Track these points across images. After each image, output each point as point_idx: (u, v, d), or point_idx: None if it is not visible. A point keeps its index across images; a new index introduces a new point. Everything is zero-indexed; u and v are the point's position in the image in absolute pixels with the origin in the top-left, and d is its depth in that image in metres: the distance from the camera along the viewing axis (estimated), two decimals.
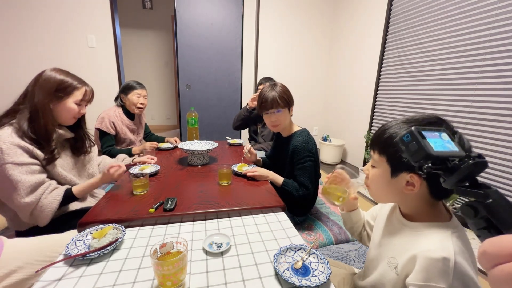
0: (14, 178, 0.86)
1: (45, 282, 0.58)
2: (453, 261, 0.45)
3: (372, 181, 0.61)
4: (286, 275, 0.61)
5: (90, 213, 0.87)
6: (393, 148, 0.53)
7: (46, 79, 0.96)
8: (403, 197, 0.57)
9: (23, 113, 0.93)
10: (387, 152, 0.55)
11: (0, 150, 0.85)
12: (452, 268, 0.45)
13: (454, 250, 0.47)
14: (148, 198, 0.98)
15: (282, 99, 1.28)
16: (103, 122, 1.75)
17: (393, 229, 0.63)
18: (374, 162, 0.59)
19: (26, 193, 0.88)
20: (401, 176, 0.54)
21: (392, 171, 0.55)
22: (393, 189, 0.56)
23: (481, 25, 1.75)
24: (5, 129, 0.89)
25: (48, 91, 0.95)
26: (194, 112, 1.78)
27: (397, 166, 0.54)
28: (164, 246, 0.59)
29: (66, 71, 1.03)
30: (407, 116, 0.56)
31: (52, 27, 2.63)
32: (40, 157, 0.94)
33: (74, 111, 1.03)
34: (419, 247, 0.51)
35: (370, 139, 0.61)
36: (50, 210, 0.92)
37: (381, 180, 0.58)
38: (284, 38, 3.45)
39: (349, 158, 3.34)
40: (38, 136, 0.94)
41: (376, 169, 0.59)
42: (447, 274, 0.45)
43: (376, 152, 0.58)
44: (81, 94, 1.03)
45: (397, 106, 2.54)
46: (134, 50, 4.55)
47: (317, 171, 1.39)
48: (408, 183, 0.53)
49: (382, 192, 0.60)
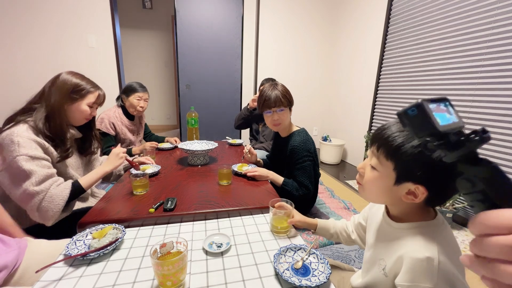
0: (28, 168, 0.87)
1: (45, 282, 0.58)
2: (437, 260, 0.46)
3: (368, 182, 0.57)
4: (286, 275, 0.61)
5: (90, 213, 0.87)
6: (405, 157, 0.49)
7: (62, 81, 1.01)
8: (396, 202, 0.55)
9: (39, 112, 0.97)
10: (396, 159, 0.51)
11: (17, 143, 0.87)
12: (436, 267, 0.45)
13: (438, 249, 0.47)
14: (148, 198, 0.98)
15: (285, 98, 1.29)
16: (102, 123, 1.75)
17: (382, 230, 0.62)
18: (376, 165, 0.55)
19: (38, 182, 0.89)
20: (405, 185, 0.51)
21: (397, 180, 0.52)
22: (391, 195, 0.54)
23: (481, 25, 1.75)
24: (20, 125, 0.92)
25: (64, 92, 1.00)
26: (194, 112, 1.79)
27: (404, 176, 0.51)
28: (164, 246, 0.59)
29: (81, 75, 1.08)
30: None
31: (52, 27, 2.63)
32: (53, 155, 0.97)
33: (86, 113, 1.07)
34: (405, 247, 0.51)
35: (372, 137, 0.56)
36: (61, 199, 0.92)
37: (380, 184, 0.55)
38: (284, 38, 3.45)
39: (349, 158, 3.34)
40: (54, 135, 0.99)
41: (376, 172, 0.55)
42: (431, 274, 0.46)
43: (382, 155, 0.53)
44: (94, 97, 1.08)
45: (397, 106, 2.54)
46: (134, 50, 4.55)
47: (317, 171, 1.40)
48: (409, 192, 0.51)
49: (377, 195, 0.58)
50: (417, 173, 0.49)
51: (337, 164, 3.27)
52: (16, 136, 0.88)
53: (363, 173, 0.59)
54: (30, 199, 0.88)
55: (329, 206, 1.94)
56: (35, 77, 2.61)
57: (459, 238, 1.65)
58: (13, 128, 0.90)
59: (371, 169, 0.57)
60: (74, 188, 0.98)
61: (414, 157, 0.48)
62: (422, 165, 0.48)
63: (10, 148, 0.87)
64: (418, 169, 0.48)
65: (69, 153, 1.03)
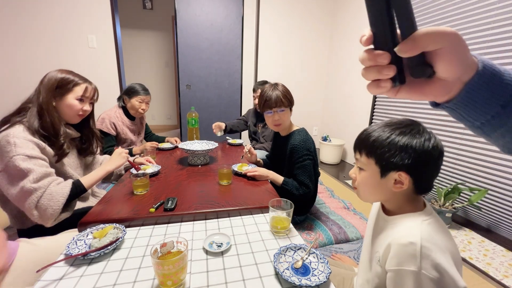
0: (25, 167, 0.86)
1: (45, 282, 0.58)
2: (419, 245, 0.49)
3: (360, 183, 0.63)
4: (286, 274, 0.61)
5: (91, 213, 0.87)
6: (380, 149, 0.56)
7: (49, 78, 1.01)
8: (390, 195, 0.60)
9: (32, 112, 0.97)
10: (375, 154, 0.58)
11: (13, 144, 0.87)
12: (419, 251, 0.48)
13: (421, 235, 0.50)
14: (149, 198, 0.98)
15: (286, 98, 1.30)
16: (103, 123, 1.75)
17: (377, 225, 0.66)
18: (362, 165, 0.62)
19: (36, 179, 0.87)
20: (390, 175, 0.57)
21: (381, 172, 0.58)
22: (382, 189, 0.59)
23: (481, 25, 1.75)
24: (16, 126, 0.92)
25: (49, 88, 0.99)
26: (195, 112, 1.79)
27: (386, 167, 0.57)
28: (164, 246, 0.60)
29: (70, 71, 1.06)
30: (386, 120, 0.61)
31: (53, 28, 2.63)
32: (50, 155, 0.97)
33: (76, 108, 1.05)
34: (392, 235, 0.56)
35: (354, 144, 0.65)
36: (61, 196, 0.90)
37: (370, 181, 0.61)
38: (284, 38, 3.45)
39: (349, 158, 3.34)
40: (48, 133, 0.98)
41: (364, 171, 0.62)
42: (415, 258, 0.48)
43: (364, 155, 0.61)
44: (81, 90, 1.05)
45: (396, 106, 2.54)
46: (134, 51, 4.55)
47: (316, 170, 1.40)
48: (396, 182, 0.57)
49: (370, 193, 0.63)
50: (394, 160, 0.55)
51: (337, 164, 3.27)
52: (12, 137, 0.87)
53: (355, 178, 0.65)
54: (27, 196, 0.85)
55: (329, 206, 1.94)
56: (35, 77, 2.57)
57: (458, 238, 1.65)
58: (9, 130, 0.90)
59: (359, 171, 0.64)
60: (75, 187, 0.96)
61: (387, 146, 0.55)
62: (396, 151, 0.55)
63: (6, 149, 0.86)
64: (393, 156, 0.55)
65: (64, 150, 1.01)
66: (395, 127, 0.57)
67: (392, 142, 0.55)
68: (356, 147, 0.64)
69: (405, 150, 0.54)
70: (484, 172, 1.77)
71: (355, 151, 0.64)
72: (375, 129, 0.59)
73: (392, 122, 0.58)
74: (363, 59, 0.30)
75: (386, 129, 0.57)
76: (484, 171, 1.76)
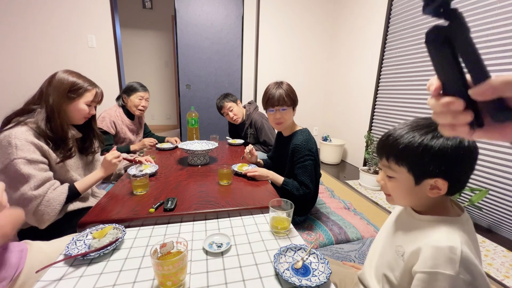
0: (27, 172, 0.87)
1: (45, 282, 0.58)
2: (459, 249, 0.47)
3: (393, 192, 0.60)
4: (286, 275, 0.61)
5: (91, 213, 0.87)
6: (412, 157, 0.53)
7: (59, 80, 1.00)
8: (425, 200, 0.58)
9: (40, 114, 0.96)
10: (406, 162, 0.54)
11: (15, 146, 0.87)
12: (459, 256, 0.47)
13: (461, 240, 0.49)
14: (148, 198, 0.98)
15: (289, 97, 1.29)
16: (104, 122, 1.76)
17: (402, 219, 0.65)
18: (392, 173, 0.58)
19: (36, 186, 0.89)
20: (425, 182, 0.54)
21: (416, 180, 0.55)
22: (417, 194, 0.57)
23: (481, 25, 1.75)
24: (19, 127, 0.92)
25: (62, 92, 1.00)
26: (194, 112, 1.79)
27: (420, 175, 0.54)
28: (164, 246, 0.59)
29: (78, 73, 1.07)
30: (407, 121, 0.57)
31: (52, 27, 2.62)
32: (51, 157, 0.97)
33: (84, 112, 1.07)
34: (426, 239, 0.52)
35: (378, 148, 0.60)
36: (58, 203, 0.93)
37: (403, 188, 0.58)
38: (284, 38, 3.45)
39: (349, 158, 3.34)
40: (56, 136, 0.98)
41: (395, 179, 0.58)
42: (454, 262, 0.47)
43: (393, 163, 0.57)
44: (91, 95, 1.07)
45: (397, 106, 2.53)
46: (134, 50, 4.55)
47: (318, 171, 1.40)
48: (432, 187, 0.54)
49: (405, 199, 0.60)
50: (430, 168, 0.51)
51: (337, 164, 3.27)
52: (14, 138, 0.88)
53: (384, 184, 0.62)
54: (28, 203, 0.88)
55: (329, 206, 1.94)
56: (35, 77, 2.60)
57: None
58: (12, 130, 0.90)
59: (389, 179, 0.60)
60: (71, 192, 0.99)
61: (420, 154, 0.51)
62: (430, 158, 0.51)
63: (7, 150, 0.87)
64: (428, 164, 0.51)
65: (72, 153, 1.03)
66: (425, 130, 0.52)
67: (425, 148, 0.51)
68: (381, 153, 0.59)
69: (440, 156, 0.50)
70: (485, 173, 1.77)
71: (380, 157, 0.60)
72: (402, 134, 0.54)
73: (420, 124, 0.53)
74: (434, 106, 0.29)
75: (416, 133, 0.52)
76: (485, 171, 1.76)
